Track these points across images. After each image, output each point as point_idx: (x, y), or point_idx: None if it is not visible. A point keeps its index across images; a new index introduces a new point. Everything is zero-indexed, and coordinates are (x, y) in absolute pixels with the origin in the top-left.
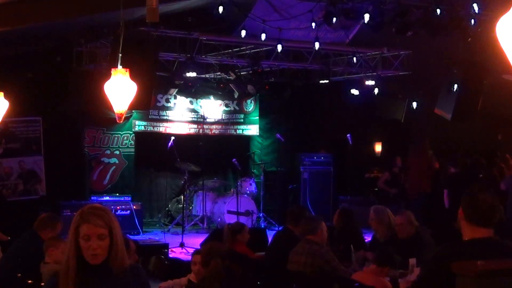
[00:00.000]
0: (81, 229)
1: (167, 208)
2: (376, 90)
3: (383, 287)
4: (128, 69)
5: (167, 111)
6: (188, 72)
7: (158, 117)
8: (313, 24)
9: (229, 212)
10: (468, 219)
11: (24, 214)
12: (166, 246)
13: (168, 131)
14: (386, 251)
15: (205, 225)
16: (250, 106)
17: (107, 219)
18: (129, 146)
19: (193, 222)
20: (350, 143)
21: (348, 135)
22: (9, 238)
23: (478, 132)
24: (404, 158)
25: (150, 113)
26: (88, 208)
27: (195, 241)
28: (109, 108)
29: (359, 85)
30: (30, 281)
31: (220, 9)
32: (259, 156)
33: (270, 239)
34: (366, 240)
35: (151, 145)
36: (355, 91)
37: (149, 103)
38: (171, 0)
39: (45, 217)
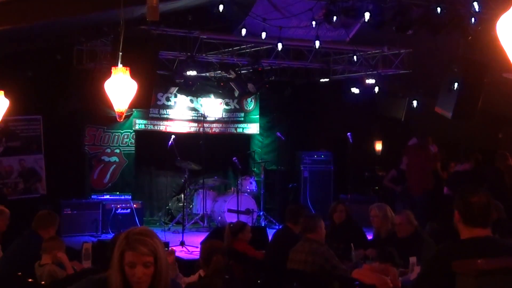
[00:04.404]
0: (126, 255)
1: (167, 207)
2: (376, 89)
3: (383, 284)
4: (128, 68)
5: (167, 110)
6: (189, 70)
7: (158, 115)
8: (314, 23)
9: (229, 210)
10: (464, 221)
11: (24, 213)
12: (166, 244)
13: (169, 129)
14: (387, 248)
15: (205, 224)
16: (251, 104)
17: (152, 245)
18: (130, 144)
19: (193, 221)
20: (351, 141)
21: (348, 133)
22: None
23: (478, 131)
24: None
25: (151, 112)
26: (134, 234)
27: (196, 239)
28: (110, 106)
29: (360, 83)
30: (30, 280)
31: (221, 7)
32: (259, 154)
33: (270, 238)
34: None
35: (152, 143)
36: (355, 90)
37: (149, 102)
38: None
39: (42, 215)
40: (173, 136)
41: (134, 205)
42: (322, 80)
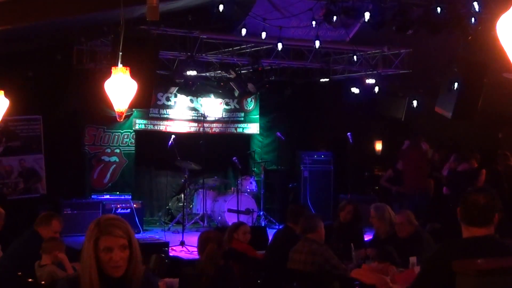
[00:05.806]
0: (100, 242)
1: (167, 207)
2: (376, 89)
3: (383, 284)
4: (128, 68)
5: (167, 110)
6: (189, 70)
7: (158, 115)
8: (314, 23)
9: (229, 210)
10: (462, 219)
11: (24, 213)
12: (166, 244)
13: (169, 129)
14: (386, 248)
15: (205, 224)
16: (251, 104)
17: (125, 228)
18: (130, 144)
19: (193, 221)
20: (351, 141)
21: (348, 133)
22: None
23: (478, 131)
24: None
25: (151, 112)
26: (105, 220)
27: (195, 239)
28: (110, 106)
29: (360, 83)
30: (30, 280)
31: (221, 7)
32: (259, 154)
33: (270, 238)
34: (365, 239)
35: (152, 143)
36: (355, 90)
37: (149, 102)
38: None
39: (43, 215)
40: (173, 136)
41: (134, 205)
42: (322, 80)
